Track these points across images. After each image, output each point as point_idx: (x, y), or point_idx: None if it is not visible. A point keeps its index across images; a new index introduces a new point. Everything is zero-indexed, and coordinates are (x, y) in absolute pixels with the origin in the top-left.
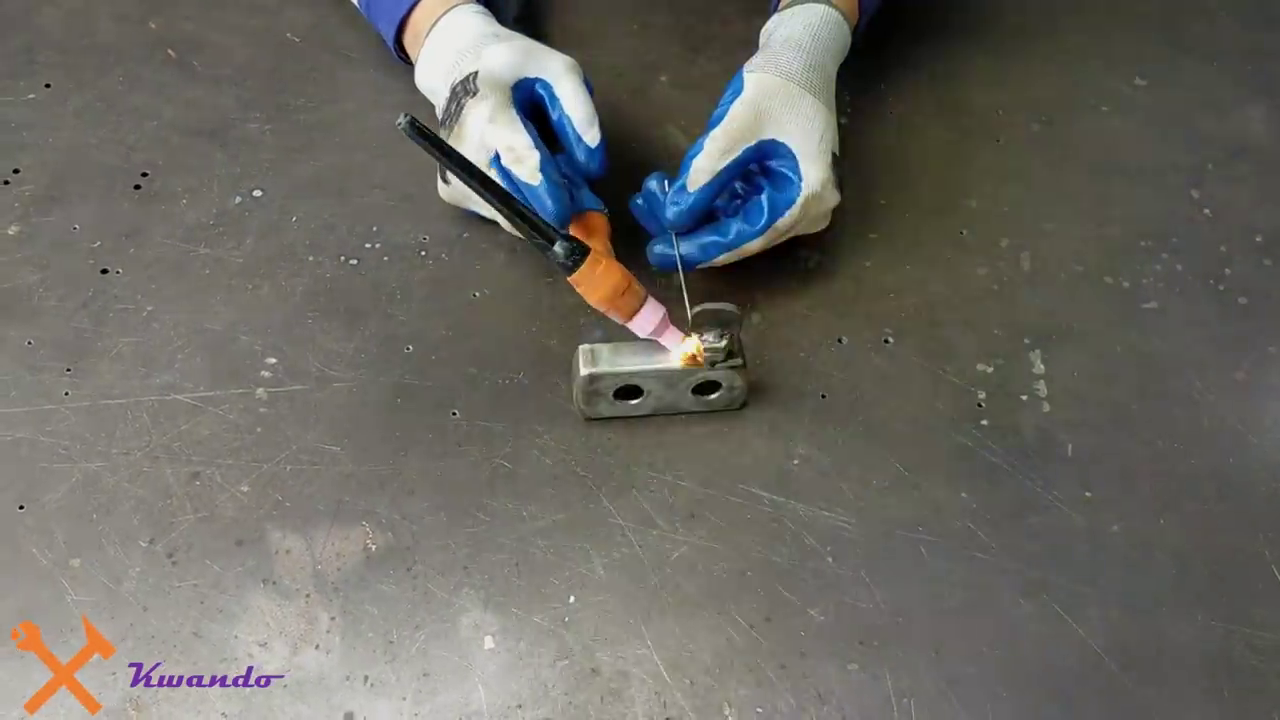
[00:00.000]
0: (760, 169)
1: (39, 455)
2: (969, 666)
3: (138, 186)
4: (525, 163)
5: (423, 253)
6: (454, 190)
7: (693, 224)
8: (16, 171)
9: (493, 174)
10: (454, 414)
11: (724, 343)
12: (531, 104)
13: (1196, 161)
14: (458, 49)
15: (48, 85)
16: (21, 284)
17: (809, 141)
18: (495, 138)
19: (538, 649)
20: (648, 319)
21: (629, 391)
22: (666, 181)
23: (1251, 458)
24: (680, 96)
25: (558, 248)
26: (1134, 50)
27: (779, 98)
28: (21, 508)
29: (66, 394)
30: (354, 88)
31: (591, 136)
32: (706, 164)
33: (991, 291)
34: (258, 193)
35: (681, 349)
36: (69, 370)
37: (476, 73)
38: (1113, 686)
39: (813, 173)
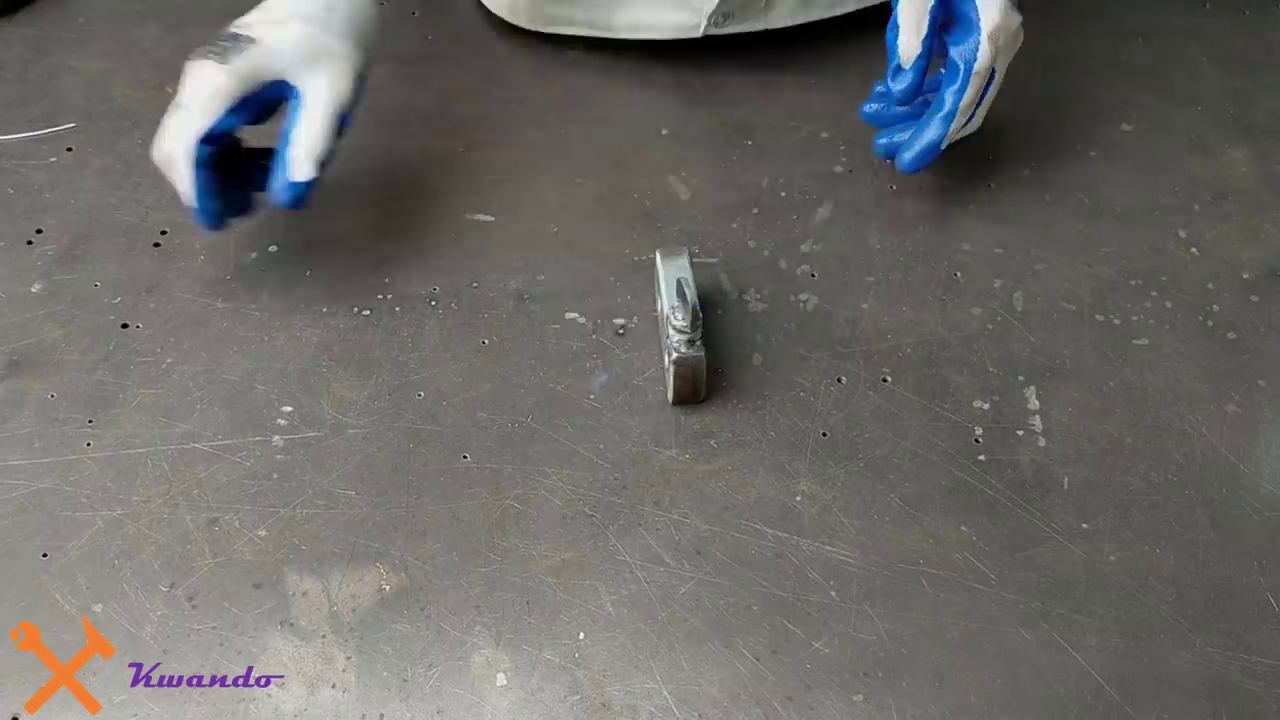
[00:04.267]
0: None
1: (62, 504)
2: (972, 695)
3: (157, 244)
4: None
5: (433, 303)
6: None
7: (916, 97)
8: (39, 231)
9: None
10: (465, 457)
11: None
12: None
13: (1183, 202)
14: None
15: (69, 149)
16: (45, 339)
17: None
18: (178, 150)
19: (549, 685)
20: None
21: None
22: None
23: (1244, 488)
24: (680, 149)
25: None
26: (1121, 97)
27: None
28: (45, 555)
29: (88, 445)
30: (364, 149)
31: (301, 170)
32: (908, 39)
33: (986, 331)
34: (273, 248)
35: None
36: (91, 422)
37: (243, 48)
38: (1113, 713)
39: (989, 6)
